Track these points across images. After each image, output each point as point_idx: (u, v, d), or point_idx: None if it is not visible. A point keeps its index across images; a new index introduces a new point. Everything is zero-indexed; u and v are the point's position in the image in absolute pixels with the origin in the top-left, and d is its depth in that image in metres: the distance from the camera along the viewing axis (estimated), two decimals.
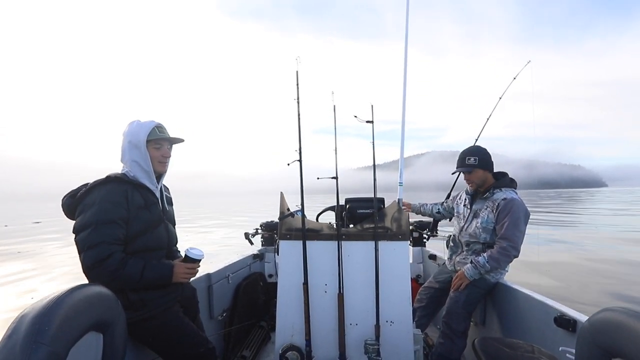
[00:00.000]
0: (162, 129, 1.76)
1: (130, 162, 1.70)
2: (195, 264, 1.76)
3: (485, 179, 2.49)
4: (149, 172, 1.74)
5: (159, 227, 1.73)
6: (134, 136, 1.69)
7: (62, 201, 1.64)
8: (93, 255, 1.48)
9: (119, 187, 1.61)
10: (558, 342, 1.78)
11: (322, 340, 1.95)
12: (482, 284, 2.40)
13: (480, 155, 2.45)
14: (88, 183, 1.65)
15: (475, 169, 2.44)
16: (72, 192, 1.64)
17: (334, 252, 1.98)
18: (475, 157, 2.44)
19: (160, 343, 1.70)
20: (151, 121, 1.75)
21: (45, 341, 0.93)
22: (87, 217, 1.53)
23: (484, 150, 2.51)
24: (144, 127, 1.72)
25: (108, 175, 1.64)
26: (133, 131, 1.70)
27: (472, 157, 2.45)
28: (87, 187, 1.60)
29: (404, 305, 1.97)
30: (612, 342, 1.04)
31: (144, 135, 1.70)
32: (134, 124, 1.72)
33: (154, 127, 1.73)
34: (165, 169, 1.81)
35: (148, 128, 1.71)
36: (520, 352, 1.62)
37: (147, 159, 1.72)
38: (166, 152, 1.79)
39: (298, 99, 1.97)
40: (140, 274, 1.57)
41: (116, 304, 1.32)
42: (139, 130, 1.70)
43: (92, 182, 1.62)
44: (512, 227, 2.30)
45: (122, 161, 1.73)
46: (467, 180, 2.55)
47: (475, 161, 2.43)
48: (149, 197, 1.71)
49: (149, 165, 1.73)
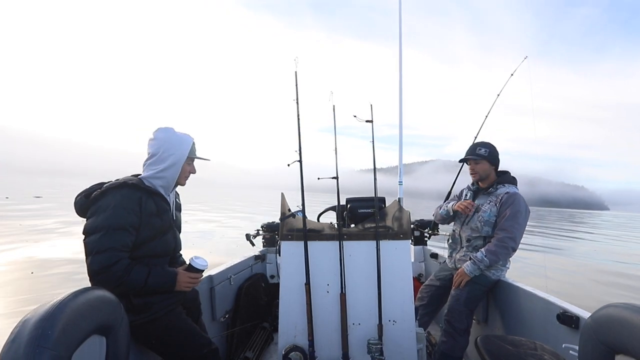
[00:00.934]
0: (194, 145, 1.79)
1: (158, 172, 1.69)
2: (198, 273, 1.76)
3: (489, 173, 2.53)
4: (170, 186, 1.76)
5: (167, 234, 1.73)
6: (177, 151, 1.70)
7: (75, 199, 1.63)
8: (100, 261, 1.48)
9: (134, 194, 1.60)
10: (561, 339, 1.78)
11: (325, 341, 1.95)
12: (484, 281, 2.40)
13: (491, 148, 2.52)
14: (103, 183, 1.64)
15: (483, 159, 2.50)
16: (86, 191, 1.63)
17: (336, 252, 1.98)
18: (487, 149, 2.51)
19: (163, 345, 1.70)
20: (187, 135, 1.76)
21: (48, 345, 0.93)
22: (99, 221, 1.52)
23: (494, 146, 2.56)
24: (185, 143, 1.73)
25: (125, 180, 1.62)
26: (175, 145, 1.70)
27: (484, 148, 2.51)
28: (101, 188, 1.59)
29: (406, 304, 1.97)
30: (616, 338, 1.04)
31: (186, 152, 1.73)
32: (174, 137, 1.72)
33: (192, 144, 1.76)
34: (185, 182, 1.84)
35: (189, 144, 1.74)
36: (523, 349, 1.62)
37: (177, 173, 1.74)
38: (193, 168, 1.83)
39: (297, 100, 1.97)
40: (144, 281, 1.57)
41: (119, 307, 1.32)
42: (181, 145, 1.72)
43: (107, 184, 1.62)
44: (512, 219, 2.32)
45: (147, 165, 1.71)
46: (471, 171, 2.58)
47: (485, 152, 2.50)
48: (161, 205, 1.71)
49: (174, 180, 1.75)
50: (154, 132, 1.73)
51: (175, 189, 1.85)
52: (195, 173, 1.84)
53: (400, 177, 4.02)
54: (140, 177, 1.69)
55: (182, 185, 1.83)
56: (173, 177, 1.74)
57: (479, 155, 2.50)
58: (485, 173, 2.52)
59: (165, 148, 1.69)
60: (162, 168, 1.69)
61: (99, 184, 1.66)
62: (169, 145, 1.70)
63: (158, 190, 1.70)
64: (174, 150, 1.70)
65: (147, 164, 1.71)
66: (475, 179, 2.58)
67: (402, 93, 4.03)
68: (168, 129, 1.73)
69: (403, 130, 4.12)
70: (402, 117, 4.06)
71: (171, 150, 1.70)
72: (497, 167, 2.56)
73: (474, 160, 2.53)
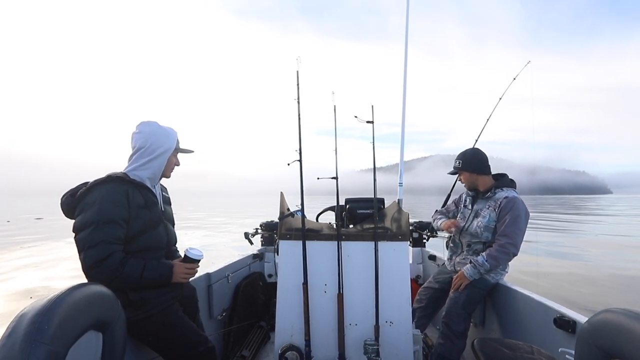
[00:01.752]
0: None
1: (144, 163, 1.69)
2: (194, 264, 1.76)
3: (475, 180, 2.53)
4: (157, 177, 1.77)
5: (158, 227, 1.73)
6: (164, 143, 1.72)
7: (61, 200, 1.63)
8: (93, 255, 1.48)
9: (120, 187, 1.60)
10: (557, 343, 1.78)
11: (322, 341, 1.95)
12: (482, 284, 2.40)
13: (464, 159, 2.54)
14: (88, 182, 1.64)
15: (460, 171, 2.56)
16: (72, 190, 1.63)
17: (334, 252, 1.98)
18: (459, 160, 2.56)
19: (159, 342, 1.70)
20: (171, 128, 1.77)
21: (44, 340, 0.93)
22: (87, 216, 1.52)
23: (472, 153, 2.56)
24: (172, 135, 1.75)
25: (109, 175, 1.63)
26: (161, 137, 1.72)
27: (457, 160, 2.58)
28: (87, 186, 1.59)
29: (403, 306, 1.97)
30: (612, 343, 1.04)
31: (174, 144, 1.75)
32: (160, 130, 1.73)
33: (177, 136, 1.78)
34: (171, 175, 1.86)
35: (175, 136, 1.76)
36: (519, 353, 1.62)
37: (164, 164, 1.75)
38: (178, 161, 1.84)
39: (298, 99, 1.97)
40: (140, 273, 1.56)
41: (116, 303, 1.31)
42: (168, 138, 1.73)
43: (92, 181, 1.61)
44: (512, 225, 2.32)
45: (134, 159, 1.71)
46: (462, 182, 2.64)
47: (459, 164, 2.55)
48: (149, 197, 1.71)
49: (160, 171, 1.76)
50: (137, 125, 1.73)
51: (160, 181, 1.85)
52: (179, 165, 1.86)
53: (401, 179, 4.01)
54: (124, 171, 1.69)
55: (167, 177, 1.84)
56: (160, 168, 1.75)
57: (455, 168, 2.58)
58: (470, 181, 2.55)
59: (152, 141, 1.70)
60: (149, 159, 1.70)
61: (84, 183, 1.65)
62: (155, 138, 1.70)
63: (144, 183, 1.70)
64: (161, 142, 1.71)
65: (134, 157, 1.71)
66: (467, 188, 2.63)
67: (407, 91, 4.01)
68: (152, 123, 1.74)
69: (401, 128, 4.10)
70: (404, 120, 4.05)
71: (158, 143, 1.71)
72: (485, 171, 2.51)
73: (452, 174, 2.64)
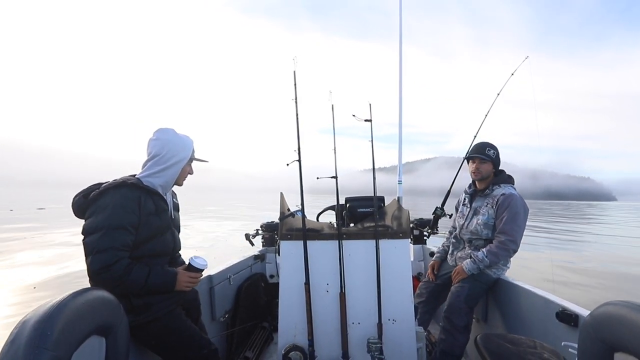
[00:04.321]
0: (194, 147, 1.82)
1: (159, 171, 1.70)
2: (198, 273, 1.76)
3: (490, 174, 2.57)
4: (169, 186, 1.78)
5: (166, 234, 1.73)
6: (180, 152, 1.72)
7: (73, 200, 1.63)
8: (101, 260, 1.48)
9: (133, 193, 1.59)
10: (560, 337, 1.79)
11: (325, 340, 1.95)
12: (484, 279, 2.41)
13: (497, 152, 2.59)
14: (101, 183, 1.64)
15: (490, 161, 2.54)
16: (84, 191, 1.63)
17: (335, 251, 1.98)
18: (495, 151, 2.57)
19: (163, 346, 1.71)
20: (187, 137, 1.78)
21: (48, 346, 0.93)
22: (98, 221, 1.52)
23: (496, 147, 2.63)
24: (188, 144, 1.76)
25: (123, 180, 1.62)
26: (178, 146, 1.72)
27: (493, 149, 2.57)
28: (100, 188, 1.59)
29: (405, 303, 1.97)
30: (615, 336, 1.04)
31: (189, 153, 1.76)
32: (176, 138, 1.73)
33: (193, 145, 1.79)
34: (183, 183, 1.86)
35: (191, 146, 1.77)
36: (522, 347, 1.62)
37: (178, 173, 1.76)
38: (192, 170, 1.85)
39: (296, 99, 1.97)
40: (144, 280, 1.57)
41: (118, 308, 1.32)
42: (184, 147, 1.74)
43: (105, 184, 1.61)
44: (511, 222, 2.34)
45: (149, 165, 1.71)
46: (475, 170, 2.57)
47: (493, 154, 2.55)
48: (160, 204, 1.71)
49: (173, 180, 1.77)
50: (155, 132, 1.73)
51: (172, 188, 1.86)
52: (192, 174, 1.86)
53: (400, 176, 4.02)
54: (138, 177, 1.69)
55: (179, 185, 1.84)
56: (173, 177, 1.75)
57: (487, 156, 2.53)
58: (487, 174, 2.56)
59: (168, 149, 1.70)
60: (163, 167, 1.70)
61: (97, 184, 1.65)
62: (172, 145, 1.71)
63: (156, 190, 1.70)
64: (177, 151, 1.72)
65: (149, 164, 1.71)
66: (477, 178, 2.59)
67: (402, 91, 4.04)
68: (169, 130, 1.74)
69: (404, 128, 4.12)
70: (401, 116, 4.06)
71: (174, 151, 1.71)
72: (498, 169, 2.62)
73: (481, 159, 2.53)
